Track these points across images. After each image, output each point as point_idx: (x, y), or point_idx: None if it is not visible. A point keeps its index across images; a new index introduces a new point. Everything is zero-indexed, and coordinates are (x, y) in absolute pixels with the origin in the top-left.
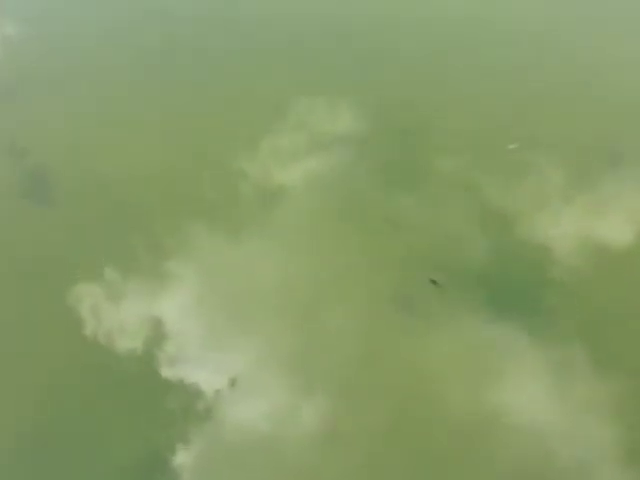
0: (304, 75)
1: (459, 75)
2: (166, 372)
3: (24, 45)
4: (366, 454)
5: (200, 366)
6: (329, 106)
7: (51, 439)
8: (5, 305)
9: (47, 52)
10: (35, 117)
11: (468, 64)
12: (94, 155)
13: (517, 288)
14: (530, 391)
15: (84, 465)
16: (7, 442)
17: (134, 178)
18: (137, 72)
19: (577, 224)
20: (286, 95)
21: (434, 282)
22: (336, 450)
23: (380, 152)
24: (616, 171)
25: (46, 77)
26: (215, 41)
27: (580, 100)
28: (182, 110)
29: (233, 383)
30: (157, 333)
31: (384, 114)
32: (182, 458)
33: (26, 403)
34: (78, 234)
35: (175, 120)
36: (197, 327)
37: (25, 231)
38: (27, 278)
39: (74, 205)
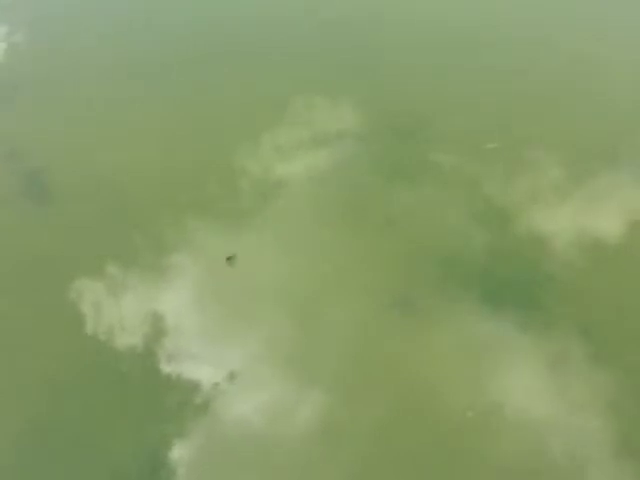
0: (304, 72)
1: (459, 74)
2: (166, 367)
3: (23, 48)
4: (365, 450)
5: (200, 361)
6: (329, 103)
7: (49, 436)
8: (4, 303)
9: (46, 54)
10: (34, 118)
11: (468, 63)
12: (93, 153)
13: (516, 284)
14: (528, 387)
15: (83, 461)
16: (4, 440)
17: (134, 176)
18: (136, 72)
19: (575, 220)
20: (286, 92)
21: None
22: (335, 446)
23: (379, 150)
24: (613, 168)
25: (45, 79)
26: (215, 39)
27: (578, 99)
28: (182, 109)
29: (232, 378)
30: (157, 328)
31: (384, 112)
32: (181, 453)
33: (25, 399)
34: (78, 232)
35: (175, 120)
36: (197, 322)
37: (25, 231)
38: (26, 277)
39: (73, 202)
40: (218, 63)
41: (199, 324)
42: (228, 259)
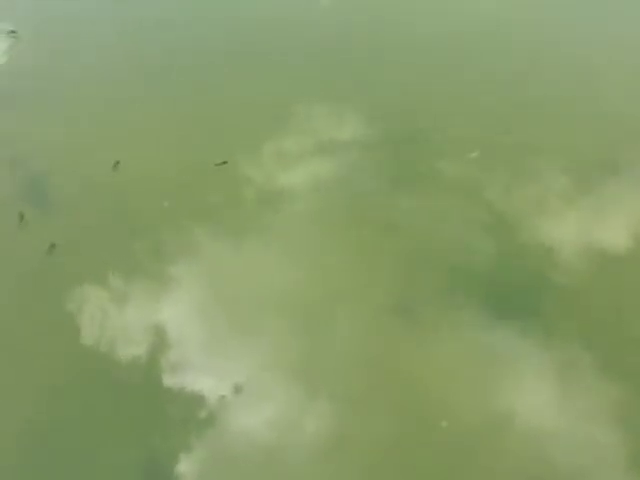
0: (307, 80)
1: (461, 81)
2: (168, 379)
3: (23, 50)
4: (370, 462)
5: (204, 373)
6: (332, 111)
7: (51, 447)
8: (6, 314)
9: (47, 58)
10: (35, 123)
11: (469, 70)
12: (95, 160)
13: (519, 293)
14: (533, 397)
15: (85, 474)
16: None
17: (136, 183)
18: (138, 78)
19: (578, 229)
20: (289, 100)
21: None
22: (341, 458)
23: (382, 158)
24: (617, 177)
25: (46, 83)
26: (216, 45)
27: (581, 106)
28: (183, 115)
29: (237, 390)
30: (160, 339)
31: (387, 120)
32: (184, 466)
33: (27, 409)
34: (78, 238)
35: (176, 125)
36: (200, 333)
37: (25, 237)
38: (29, 286)
39: (75, 210)
40: (219, 64)
41: (203, 334)
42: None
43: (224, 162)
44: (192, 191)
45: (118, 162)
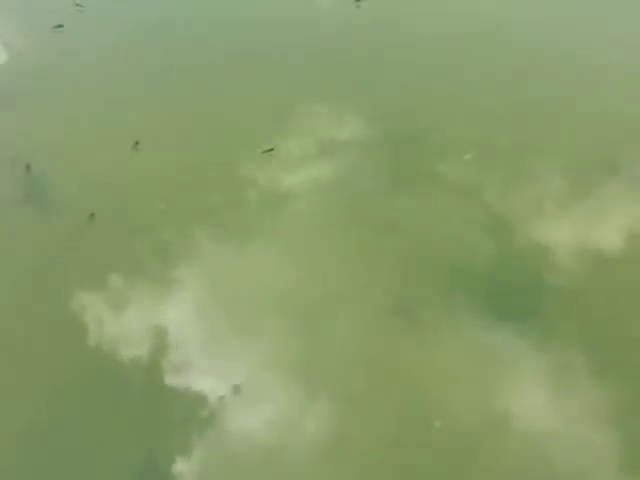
0: (307, 80)
1: (461, 81)
2: (168, 379)
3: (24, 53)
4: (370, 462)
5: (204, 373)
6: (332, 111)
7: (51, 447)
8: (6, 314)
9: (47, 58)
10: (35, 123)
11: (469, 70)
12: (95, 161)
13: (519, 293)
14: (532, 398)
15: (85, 474)
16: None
17: (137, 184)
18: (138, 78)
19: (576, 231)
20: (289, 100)
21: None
22: (341, 458)
23: (382, 158)
24: (617, 177)
25: (46, 83)
26: (216, 45)
27: (581, 106)
28: (183, 115)
29: (237, 390)
30: (159, 339)
31: (387, 120)
32: (184, 467)
33: (26, 409)
34: (80, 241)
35: (176, 125)
36: (201, 334)
37: (25, 239)
38: (29, 286)
39: (75, 210)
40: (219, 64)
41: (203, 335)
42: (135, 145)
43: (271, 149)
44: (192, 191)
45: (138, 142)
